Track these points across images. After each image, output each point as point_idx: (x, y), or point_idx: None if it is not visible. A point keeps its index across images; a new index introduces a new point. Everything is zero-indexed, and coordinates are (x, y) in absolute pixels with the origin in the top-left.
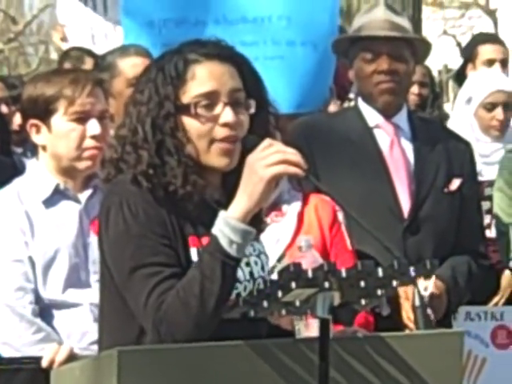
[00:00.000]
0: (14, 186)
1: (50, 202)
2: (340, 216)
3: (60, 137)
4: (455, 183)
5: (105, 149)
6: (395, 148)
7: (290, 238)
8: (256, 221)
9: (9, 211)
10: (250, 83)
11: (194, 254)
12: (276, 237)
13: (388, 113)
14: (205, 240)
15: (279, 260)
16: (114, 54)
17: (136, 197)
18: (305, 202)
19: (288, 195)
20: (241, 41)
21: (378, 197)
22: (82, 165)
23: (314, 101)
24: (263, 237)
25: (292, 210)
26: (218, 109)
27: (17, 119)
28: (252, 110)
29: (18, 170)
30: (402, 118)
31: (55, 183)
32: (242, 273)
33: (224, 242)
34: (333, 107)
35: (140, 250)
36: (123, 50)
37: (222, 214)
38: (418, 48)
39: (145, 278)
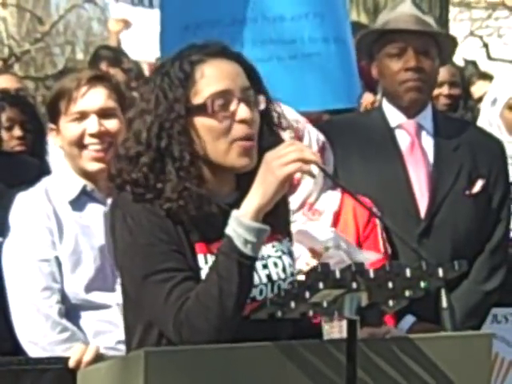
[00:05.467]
0: (43, 184)
1: (76, 203)
2: None
3: (65, 137)
4: (478, 185)
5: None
6: (416, 148)
7: None
8: (283, 222)
9: (37, 210)
10: (255, 81)
11: (201, 261)
12: None
13: (412, 111)
14: (216, 246)
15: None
16: None
17: (138, 207)
18: (342, 201)
19: (325, 194)
20: (280, 39)
21: (395, 198)
22: (91, 166)
23: (349, 96)
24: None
25: (329, 209)
26: (233, 106)
27: None
28: (262, 106)
29: (43, 171)
30: (425, 116)
31: (82, 184)
32: (257, 276)
33: (239, 242)
34: (369, 100)
35: (149, 258)
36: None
37: (234, 213)
38: (444, 46)
39: (158, 284)
